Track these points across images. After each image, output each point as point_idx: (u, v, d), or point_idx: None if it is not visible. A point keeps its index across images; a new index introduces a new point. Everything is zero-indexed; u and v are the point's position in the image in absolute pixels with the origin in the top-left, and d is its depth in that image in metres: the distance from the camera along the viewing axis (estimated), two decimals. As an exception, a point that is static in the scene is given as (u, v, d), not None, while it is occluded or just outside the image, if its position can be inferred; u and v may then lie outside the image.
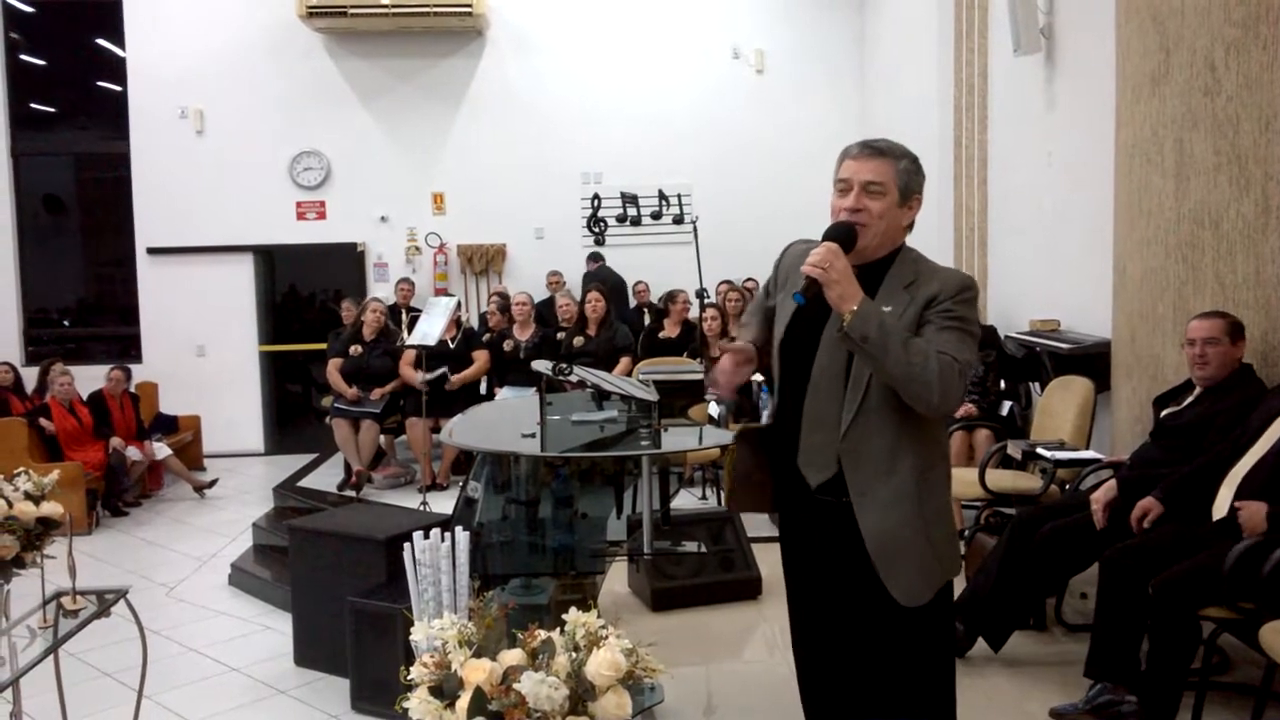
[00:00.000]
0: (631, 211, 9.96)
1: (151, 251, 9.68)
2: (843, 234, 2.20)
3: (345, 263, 9.90)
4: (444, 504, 6.06)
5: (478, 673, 1.74)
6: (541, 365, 4.51)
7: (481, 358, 7.76)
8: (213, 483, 8.01)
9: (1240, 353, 3.67)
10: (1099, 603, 3.43)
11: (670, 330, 7.83)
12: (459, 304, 8.07)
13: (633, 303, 9.41)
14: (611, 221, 9.95)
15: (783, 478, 2.36)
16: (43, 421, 7.17)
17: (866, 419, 2.19)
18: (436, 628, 1.92)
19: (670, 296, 8.04)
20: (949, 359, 2.09)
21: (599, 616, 1.90)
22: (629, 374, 7.14)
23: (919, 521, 2.20)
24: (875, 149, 2.24)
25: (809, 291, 2.15)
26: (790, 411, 2.31)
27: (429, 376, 7.09)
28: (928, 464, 2.22)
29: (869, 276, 2.20)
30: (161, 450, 7.84)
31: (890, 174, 2.22)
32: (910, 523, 2.20)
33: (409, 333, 7.49)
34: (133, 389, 8.12)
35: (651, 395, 3.83)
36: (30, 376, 8.18)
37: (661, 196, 9.97)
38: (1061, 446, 4.61)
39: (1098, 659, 3.39)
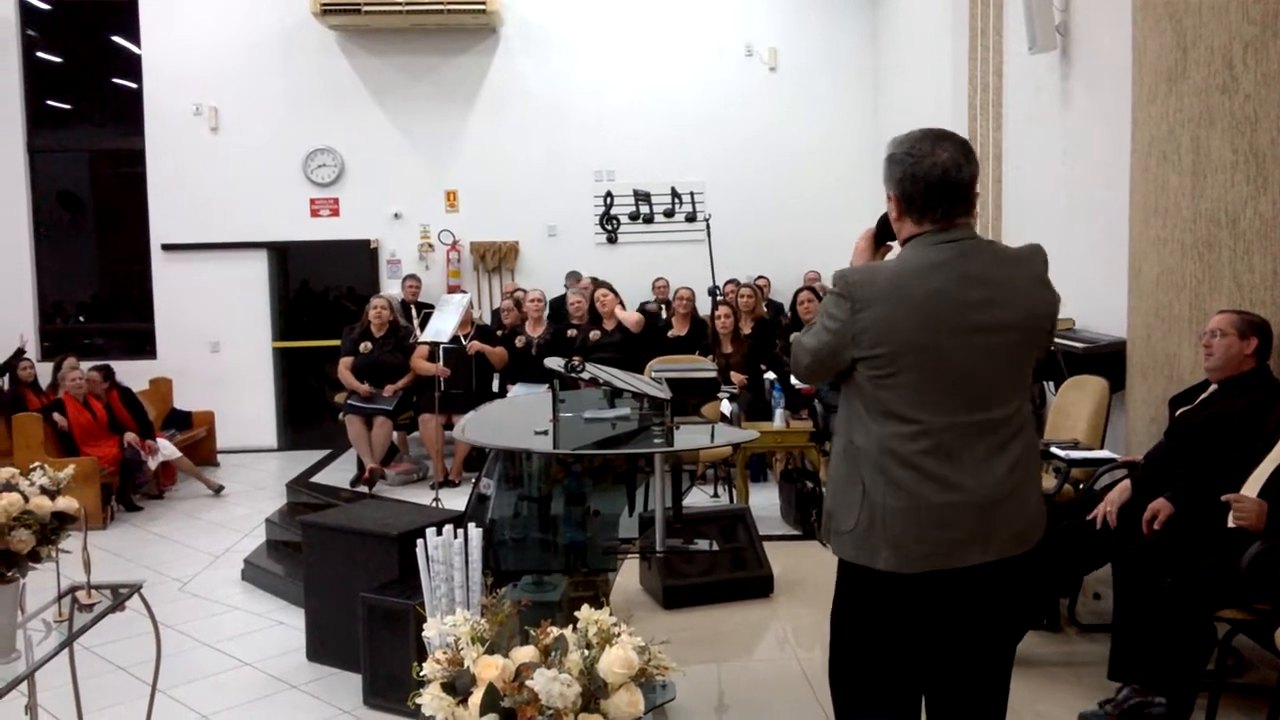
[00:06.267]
0: (644, 209, 9.94)
1: (166, 248, 9.73)
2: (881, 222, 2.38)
3: (359, 259, 9.92)
4: (457, 501, 6.07)
5: (490, 669, 1.75)
6: (553, 363, 4.52)
7: (502, 350, 7.79)
8: (219, 489, 7.88)
9: (1250, 349, 3.62)
10: (1117, 603, 3.40)
11: (679, 328, 7.82)
12: (471, 301, 8.08)
13: (652, 298, 9.39)
14: (624, 219, 9.94)
15: None
16: (56, 417, 7.21)
17: None
18: (449, 624, 1.93)
19: (673, 294, 8.05)
20: (795, 343, 2.33)
21: (611, 614, 1.90)
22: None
23: (833, 482, 2.33)
24: None
25: None
26: None
27: (449, 345, 7.02)
28: (846, 438, 2.26)
29: None
30: (170, 450, 7.76)
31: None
32: (833, 475, 2.34)
33: (420, 329, 7.50)
34: (123, 384, 8.00)
35: (664, 393, 3.84)
36: (45, 372, 8.23)
37: (674, 194, 9.94)
38: (1076, 446, 4.58)
39: (1121, 660, 3.36)
